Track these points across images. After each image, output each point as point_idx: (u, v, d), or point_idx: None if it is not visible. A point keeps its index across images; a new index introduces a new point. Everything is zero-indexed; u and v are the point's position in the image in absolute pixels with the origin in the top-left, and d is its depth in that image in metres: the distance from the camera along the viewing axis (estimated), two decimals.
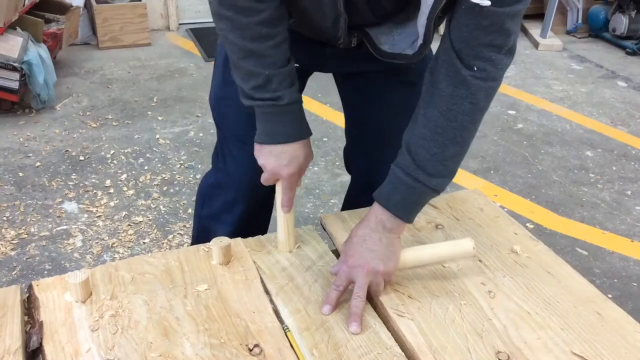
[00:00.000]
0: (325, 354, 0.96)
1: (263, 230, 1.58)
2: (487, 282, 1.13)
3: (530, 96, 3.59)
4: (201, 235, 1.55)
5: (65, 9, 3.57)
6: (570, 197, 2.56)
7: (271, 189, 1.21)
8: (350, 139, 1.52)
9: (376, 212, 1.08)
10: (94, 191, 2.45)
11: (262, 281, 1.11)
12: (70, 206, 2.35)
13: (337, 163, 2.67)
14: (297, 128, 1.14)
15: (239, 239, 1.22)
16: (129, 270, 1.12)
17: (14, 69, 2.88)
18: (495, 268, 1.17)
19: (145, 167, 2.64)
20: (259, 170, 1.17)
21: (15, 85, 2.93)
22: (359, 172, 1.55)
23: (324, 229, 1.30)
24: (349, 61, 1.27)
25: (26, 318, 1.04)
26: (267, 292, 1.09)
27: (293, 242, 1.20)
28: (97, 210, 2.33)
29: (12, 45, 2.88)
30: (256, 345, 0.97)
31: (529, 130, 3.15)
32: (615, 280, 2.06)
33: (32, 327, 1.02)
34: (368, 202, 1.13)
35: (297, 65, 1.15)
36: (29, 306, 1.07)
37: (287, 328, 1.01)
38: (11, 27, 2.95)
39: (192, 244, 1.65)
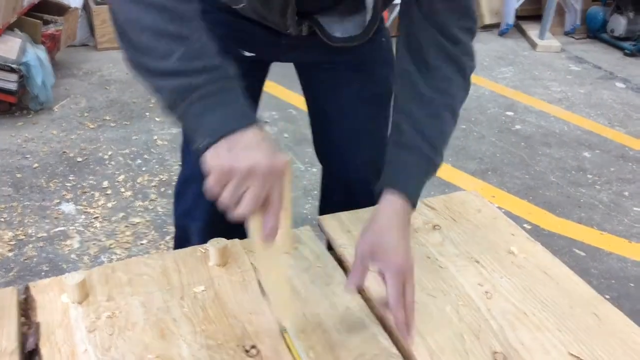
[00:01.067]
0: (321, 355, 0.96)
1: (238, 225, 1.58)
2: (484, 283, 1.13)
3: (528, 97, 3.60)
4: (180, 234, 1.56)
5: (63, 11, 3.57)
6: (567, 198, 2.56)
7: None
8: (315, 133, 1.51)
9: (396, 204, 1.00)
10: (92, 192, 2.45)
11: (259, 282, 1.11)
12: (68, 207, 2.35)
13: None
14: (250, 109, 0.88)
15: (236, 240, 1.21)
16: (126, 271, 1.12)
17: (12, 70, 2.88)
18: (493, 269, 1.17)
19: (143, 168, 2.64)
20: None
21: (13, 86, 2.93)
22: (330, 166, 1.54)
23: (322, 230, 1.29)
24: (305, 51, 1.27)
25: (23, 319, 1.04)
26: (264, 293, 1.09)
27: (290, 243, 1.19)
28: (94, 212, 2.33)
29: (10, 47, 2.88)
30: (253, 347, 0.97)
31: (526, 131, 3.16)
32: (613, 281, 2.07)
33: (29, 328, 1.02)
34: (343, 201, 1.13)
35: (254, 54, 1.15)
36: (26, 307, 1.06)
37: (284, 329, 1.01)
38: (9, 28, 2.95)
39: (174, 243, 1.65)
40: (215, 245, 1.14)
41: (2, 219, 2.27)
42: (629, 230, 2.36)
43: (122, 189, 2.48)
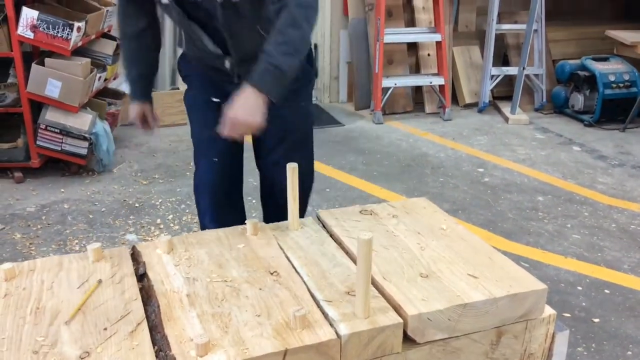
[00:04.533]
0: (316, 276, 1.54)
1: (241, 213, 2.22)
2: (421, 242, 1.71)
3: (497, 158, 4.22)
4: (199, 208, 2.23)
5: (120, 95, 4.32)
6: (520, 229, 3.13)
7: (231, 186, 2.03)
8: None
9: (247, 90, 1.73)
10: (149, 227, 3.07)
11: (278, 243, 1.71)
12: (131, 237, 2.96)
13: (337, 205, 3.28)
14: None
15: (263, 223, 1.82)
16: (195, 237, 1.72)
17: (85, 138, 3.58)
18: (428, 236, 1.75)
19: (187, 211, 3.26)
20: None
21: (84, 151, 3.61)
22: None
23: (319, 219, 1.90)
24: None
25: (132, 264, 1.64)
26: (281, 248, 1.68)
27: (298, 224, 1.80)
28: (151, 239, 2.93)
29: (83, 121, 3.58)
30: (275, 272, 1.56)
31: (493, 182, 3.76)
32: (548, 282, 2.60)
33: (138, 264, 1.62)
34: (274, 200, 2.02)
35: (219, 100, 1.91)
36: (134, 257, 1.66)
37: (292, 263, 1.59)
38: (83, 107, 3.67)
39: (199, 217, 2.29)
40: (251, 222, 1.75)
41: (82, 245, 2.88)
42: (567, 250, 2.90)
43: (172, 224, 3.09)
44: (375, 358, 1.42)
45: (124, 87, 4.46)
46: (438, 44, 5.11)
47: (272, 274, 1.56)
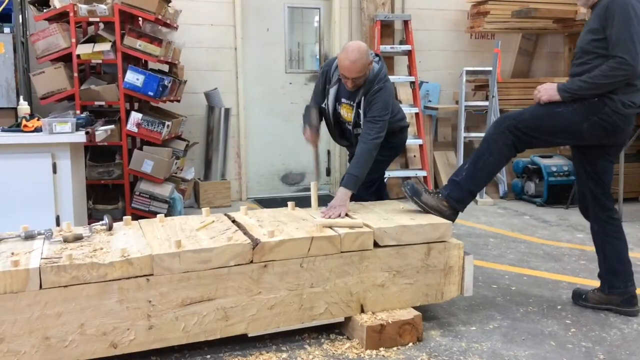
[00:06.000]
0: (329, 221, 2.71)
1: None
2: (387, 213, 2.88)
3: (465, 222, 5.34)
4: None
5: (186, 180, 5.61)
6: (477, 255, 4.21)
7: None
8: None
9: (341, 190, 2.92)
10: None
11: (304, 211, 2.89)
12: None
13: None
14: None
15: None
16: (258, 209, 2.91)
17: (166, 202, 4.80)
18: (392, 212, 2.93)
19: None
20: None
21: (164, 211, 4.80)
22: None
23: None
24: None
25: None
26: (307, 214, 2.86)
27: (316, 208, 3.00)
28: None
29: (166, 189, 4.83)
30: (304, 219, 2.73)
31: (458, 232, 4.87)
32: (493, 275, 3.66)
33: (230, 217, 2.80)
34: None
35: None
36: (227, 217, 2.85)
37: (314, 217, 2.77)
38: (165, 180, 4.93)
39: None
40: (290, 203, 2.94)
41: None
42: (505, 261, 3.97)
43: None
44: (359, 250, 2.56)
45: (189, 174, 5.79)
46: (420, 147, 6.45)
47: (302, 219, 2.73)
